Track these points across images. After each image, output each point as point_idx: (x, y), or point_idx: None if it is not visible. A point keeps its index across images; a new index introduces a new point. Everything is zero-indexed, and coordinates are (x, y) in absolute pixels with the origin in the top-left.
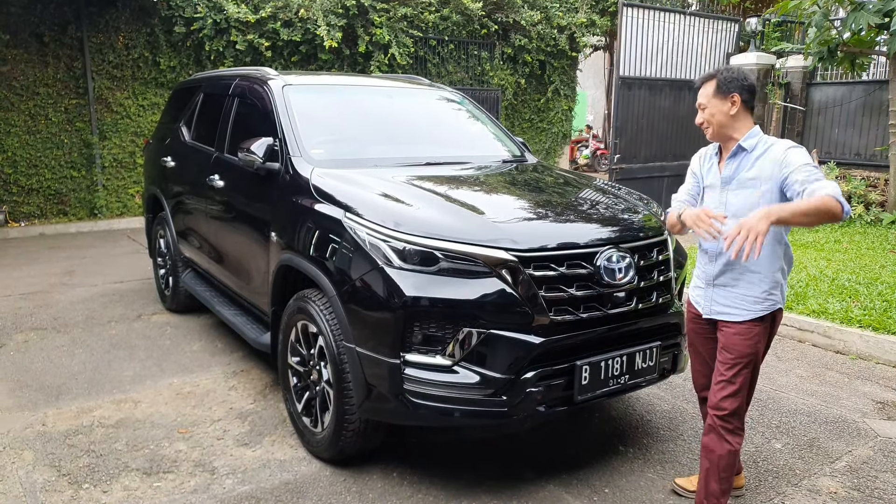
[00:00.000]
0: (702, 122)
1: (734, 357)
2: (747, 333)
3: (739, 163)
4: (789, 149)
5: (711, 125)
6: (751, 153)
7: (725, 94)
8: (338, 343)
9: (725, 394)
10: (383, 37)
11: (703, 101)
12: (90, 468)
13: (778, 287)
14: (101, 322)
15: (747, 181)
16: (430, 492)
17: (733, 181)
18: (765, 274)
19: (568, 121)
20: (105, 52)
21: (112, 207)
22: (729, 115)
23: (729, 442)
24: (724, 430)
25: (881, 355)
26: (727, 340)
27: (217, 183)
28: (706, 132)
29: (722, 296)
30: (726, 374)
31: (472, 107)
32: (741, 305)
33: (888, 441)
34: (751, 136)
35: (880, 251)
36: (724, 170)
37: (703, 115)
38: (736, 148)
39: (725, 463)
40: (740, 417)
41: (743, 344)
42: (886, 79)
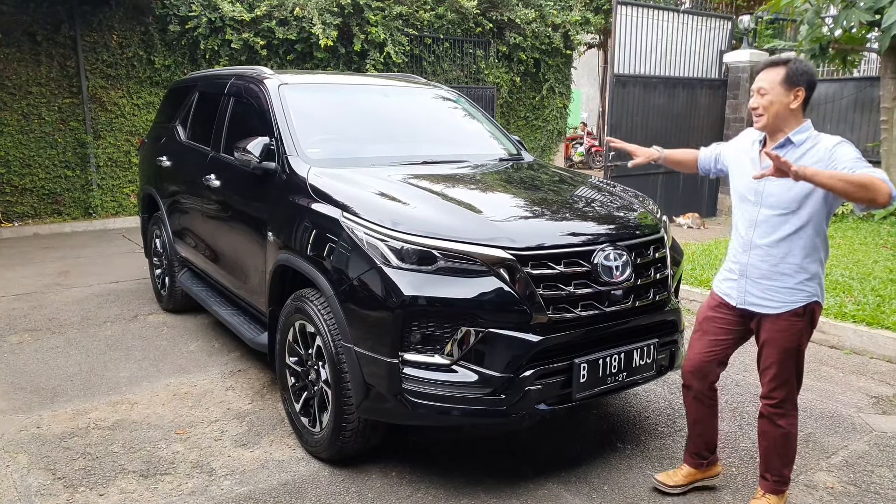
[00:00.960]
0: (756, 108)
1: (778, 352)
2: (789, 330)
3: (783, 154)
4: (837, 144)
5: (767, 113)
6: (798, 147)
7: (792, 86)
8: (336, 343)
9: (775, 385)
10: (379, 35)
11: (766, 86)
12: (86, 471)
13: (814, 279)
14: (97, 323)
15: None
16: (430, 491)
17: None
18: (799, 265)
19: (563, 118)
20: (99, 51)
21: (107, 207)
22: (789, 108)
23: (782, 426)
24: (777, 415)
25: (875, 350)
26: (769, 336)
27: (213, 182)
28: (757, 119)
29: (756, 286)
30: (774, 369)
31: (468, 105)
32: (776, 298)
33: (883, 435)
34: (801, 130)
35: (873, 246)
36: (766, 159)
37: (760, 100)
38: (784, 140)
39: (783, 441)
40: (792, 402)
41: (786, 339)
42: (877, 75)
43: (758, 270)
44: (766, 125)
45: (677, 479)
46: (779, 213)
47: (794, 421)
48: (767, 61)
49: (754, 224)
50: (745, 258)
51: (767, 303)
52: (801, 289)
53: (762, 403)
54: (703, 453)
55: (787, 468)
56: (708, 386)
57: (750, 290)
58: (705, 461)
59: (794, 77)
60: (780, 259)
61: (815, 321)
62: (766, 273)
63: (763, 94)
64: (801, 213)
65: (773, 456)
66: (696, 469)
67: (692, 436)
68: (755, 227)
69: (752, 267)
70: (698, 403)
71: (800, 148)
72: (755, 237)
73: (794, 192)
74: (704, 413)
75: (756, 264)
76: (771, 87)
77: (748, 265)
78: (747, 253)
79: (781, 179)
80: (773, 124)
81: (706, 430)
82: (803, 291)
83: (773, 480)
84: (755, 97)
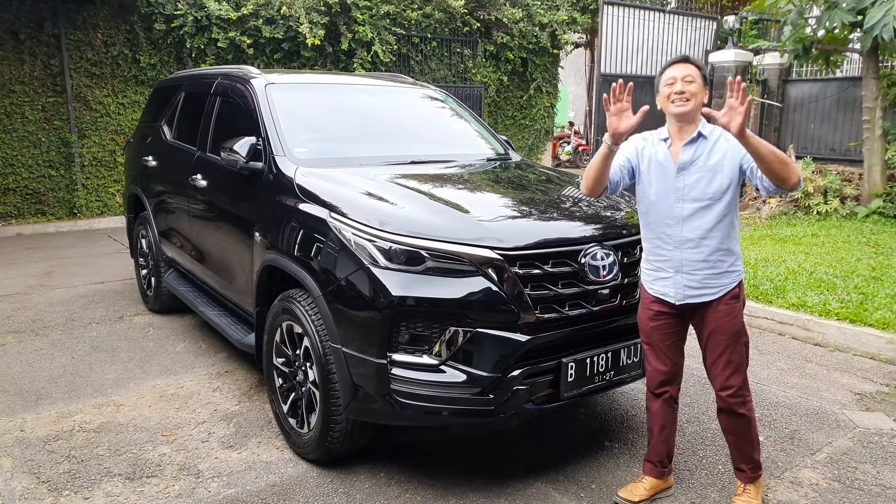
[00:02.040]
0: (683, 92)
1: (727, 337)
2: (731, 312)
3: (697, 148)
4: None
5: (695, 100)
6: (708, 140)
7: (705, 83)
8: (323, 343)
9: (729, 373)
10: (366, 34)
11: (695, 75)
12: (71, 474)
13: (739, 258)
14: (82, 324)
15: (709, 166)
16: (418, 491)
17: (692, 166)
18: (729, 249)
19: (550, 117)
20: (83, 50)
21: (92, 207)
22: (702, 103)
23: (744, 414)
24: (738, 405)
25: (858, 347)
26: (715, 325)
27: (200, 182)
28: (684, 105)
29: (693, 278)
30: (725, 355)
31: (455, 104)
32: (713, 284)
33: (867, 432)
34: (704, 124)
35: (856, 244)
36: (682, 156)
37: (689, 87)
38: (697, 134)
39: (746, 431)
40: (747, 386)
41: (731, 322)
42: (860, 76)
43: (693, 263)
44: (690, 111)
45: (640, 493)
46: (703, 206)
47: (752, 407)
48: (680, 57)
49: (681, 220)
50: (677, 254)
51: (705, 291)
52: (732, 270)
53: (721, 397)
54: (664, 461)
55: (756, 452)
56: (677, 390)
57: (688, 285)
58: (666, 469)
59: (706, 76)
60: (712, 248)
61: (744, 299)
62: (701, 264)
63: (690, 82)
64: (723, 200)
65: (743, 446)
66: (658, 479)
67: (657, 444)
68: (682, 223)
69: (687, 261)
70: (667, 407)
71: (709, 140)
72: (684, 232)
73: (716, 183)
74: (671, 417)
75: (690, 257)
76: (697, 78)
77: (682, 260)
78: (679, 249)
79: (698, 174)
80: (693, 113)
81: (671, 435)
82: (734, 272)
83: (749, 469)
84: (680, 83)
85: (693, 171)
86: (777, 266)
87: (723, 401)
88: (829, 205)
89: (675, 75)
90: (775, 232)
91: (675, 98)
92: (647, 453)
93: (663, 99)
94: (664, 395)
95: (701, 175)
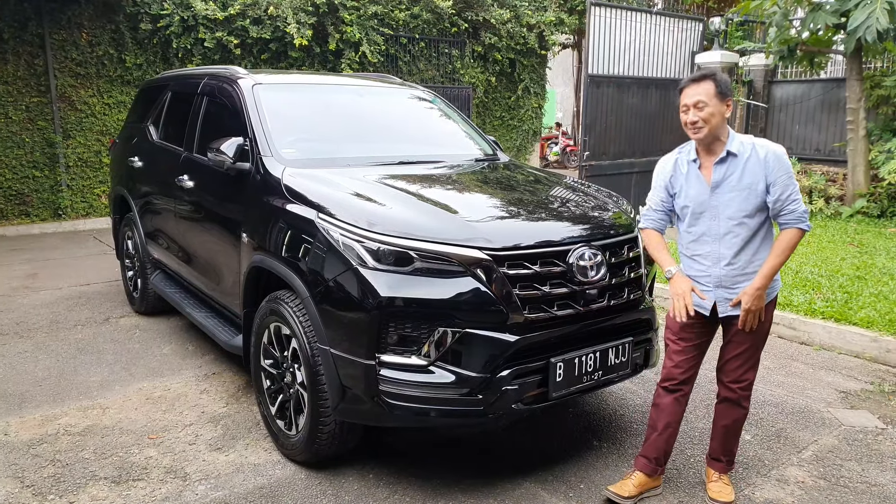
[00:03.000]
0: (696, 122)
1: (757, 338)
2: (767, 317)
3: (728, 167)
4: (768, 154)
5: (709, 125)
6: (738, 158)
7: (724, 98)
8: (311, 345)
9: (748, 368)
10: (354, 34)
11: (706, 99)
12: (55, 478)
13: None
14: (67, 326)
15: (743, 185)
16: (407, 492)
17: (724, 184)
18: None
19: (538, 118)
20: (68, 49)
21: (77, 208)
22: (724, 118)
23: (746, 407)
24: (744, 398)
25: (843, 346)
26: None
27: (186, 183)
28: (697, 131)
29: (733, 293)
30: (748, 352)
31: (443, 105)
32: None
33: (852, 430)
34: (732, 138)
35: (840, 244)
36: (714, 175)
37: (699, 114)
38: (725, 153)
39: (741, 422)
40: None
41: (763, 325)
42: (843, 77)
43: (733, 279)
44: (705, 137)
45: (630, 490)
46: (738, 223)
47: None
48: (694, 76)
49: (718, 237)
50: (716, 270)
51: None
52: (772, 284)
53: (732, 388)
54: (661, 459)
55: (737, 447)
56: (690, 390)
57: (728, 297)
58: (660, 468)
59: (725, 89)
60: (748, 261)
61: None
62: (740, 278)
63: (702, 108)
64: (756, 216)
65: (731, 437)
66: (649, 476)
67: (657, 441)
68: (720, 240)
69: (726, 277)
70: (677, 405)
71: (740, 158)
72: (722, 248)
73: (751, 200)
74: (678, 417)
75: (730, 274)
76: (710, 100)
77: (722, 276)
78: (717, 265)
79: (731, 193)
80: (711, 136)
81: (673, 434)
82: (774, 285)
83: (727, 461)
84: (692, 112)
85: (726, 190)
86: None
87: (733, 392)
88: (814, 205)
89: (687, 102)
90: None
91: (689, 128)
92: (643, 448)
93: (683, 123)
94: (677, 394)
95: (734, 194)
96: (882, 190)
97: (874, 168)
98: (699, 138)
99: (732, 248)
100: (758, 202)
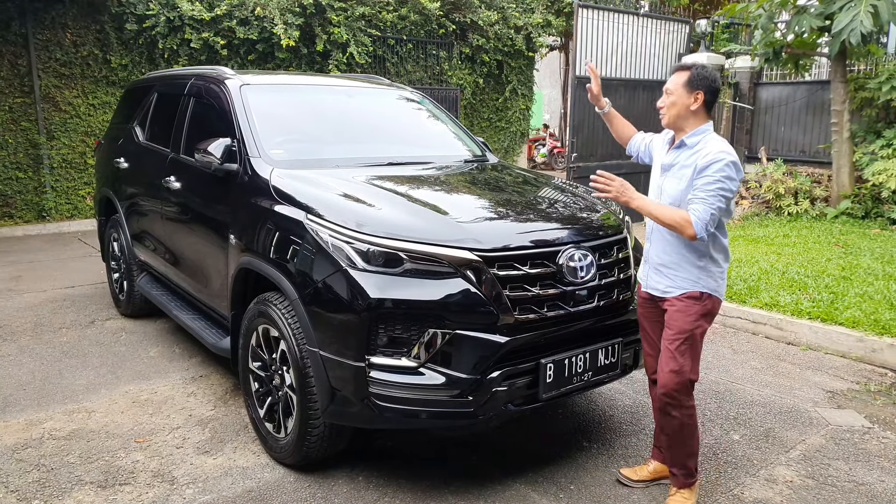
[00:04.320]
0: (661, 107)
1: (674, 332)
2: (686, 310)
3: (679, 154)
4: (712, 162)
5: (669, 112)
6: (690, 149)
7: (693, 89)
8: (300, 347)
9: (669, 368)
10: (341, 36)
11: (671, 87)
12: (40, 483)
13: (703, 272)
14: (52, 329)
15: (679, 174)
16: (397, 495)
17: (671, 169)
18: (697, 254)
19: (526, 120)
20: (52, 50)
21: (62, 209)
22: (689, 109)
23: (676, 417)
24: (670, 406)
25: (829, 345)
26: (669, 317)
27: (173, 184)
28: (662, 117)
29: (656, 272)
30: (669, 349)
31: (432, 106)
32: (672, 282)
33: (838, 429)
34: (697, 133)
35: (826, 245)
36: (666, 157)
37: (665, 99)
38: (680, 142)
39: (678, 435)
40: (686, 392)
41: (682, 320)
42: (828, 79)
43: (657, 257)
44: (667, 123)
45: (643, 475)
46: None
47: (690, 413)
48: (676, 66)
49: None
50: (647, 245)
51: (663, 286)
52: (691, 278)
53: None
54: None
55: (692, 458)
56: None
57: (651, 275)
58: None
59: (695, 81)
60: (673, 247)
61: (712, 312)
62: (665, 258)
63: (668, 94)
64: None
65: (674, 447)
66: (664, 464)
67: (658, 429)
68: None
69: (653, 254)
70: None
71: (692, 149)
72: (655, 225)
73: (680, 188)
74: None
75: (655, 252)
76: (675, 89)
77: (650, 251)
78: (649, 240)
79: (673, 178)
80: (674, 123)
81: None
82: (692, 280)
83: (680, 474)
84: (663, 97)
85: (670, 174)
86: (750, 266)
87: (658, 395)
88: (799, 206)
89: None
90: (748, 233)
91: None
92: (654, 439)
93: None
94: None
95: (672, 180)
96: (866, 191)
97: (858, 170)
98: (664, 123)
99: (660, 230)
100: (687, 196)
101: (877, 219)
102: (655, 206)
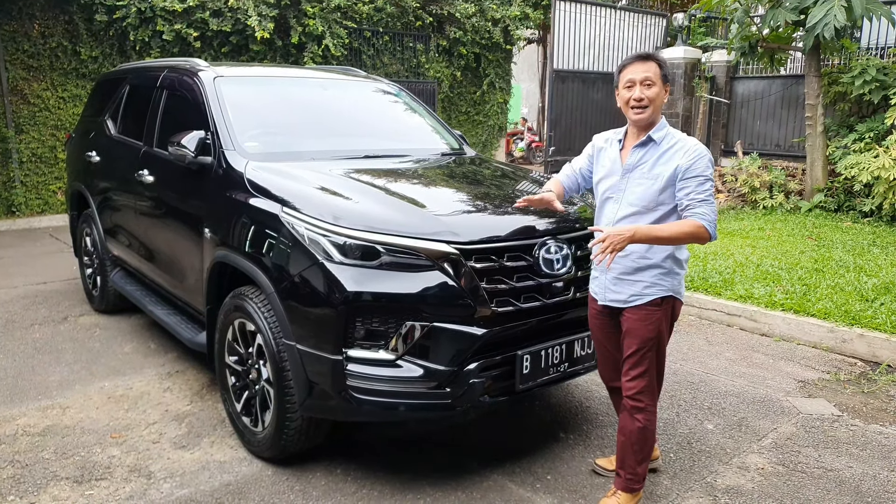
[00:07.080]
0: (642, 99)
1: (638, 342)
2: (647, 319)
3: (645, 153)
4: (697, 158)
5: (653, 105)
6: (659, 145)
7: (665, 82)
8: (277, 341)
9: (633, 375)
10: (317, 28)
11: (654, 78)
12: (15, 479)
13: (670, 274)
14: (23, 325)
15: (652, 174)
16: (375, 487)
17: (636, 170)
18: (654, 261)
19: (503, 113)
20: (19, 41)
21: (32, 205)
22: (663, 103)
23: (638, 420)
24: (635, 409)
25: (802, 336)
26: (629, 326)
27: (146, 178)
28: (642, 111)
29: (614, 283)
30: (633, 359)
31: (409, 99)
32: (633, 291)
33: (809, 417)
34: (660, 128)
35: (799, 238)
36: (629, 158)
37: (646, 91)
38: (646, 138)
39: (636, 438)
40: (650, 396)
41: (644, 328)
42: (803, 73)
43: (618, 265)
44: (648, 116)
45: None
46: (636, 211)
47: (650, 419)
48: (639, 54)
49: (612, 223)
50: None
51: (624, 297)
52: (657, 282)
53: (623, 396)
54: None
55: (642, 466)
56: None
57: (609, 287)
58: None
59: (668, 73)
60: (637, 255)
61: (674, 315)
62: (624, 268)
63: (650, 85)
64: (657, 210)
65: (627, 453)
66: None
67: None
68: (614, 225)
69: (613, 265)
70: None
71: (661, 146)
72: None
73: (653, 190)
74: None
75: (616, 262)
76: (657, 80)
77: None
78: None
79: (639, 180)
80: (652, 118)
81: None
82: (659, 285)
83: (626, 477)
84: (638, 88)
85: (636, 175)
86: (725, 259)
87: (624, 400)
88: (774, 199)
89: (633, 78)
90: (724, 226)
91: (633, 104)
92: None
93: (622, 102)
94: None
95: (641, 181)
96: (839, 185)
97: (832, 163)
98: (642, 118)
99: None
100: (659, 197)
101: (849, 212)
102: (659, 229)
